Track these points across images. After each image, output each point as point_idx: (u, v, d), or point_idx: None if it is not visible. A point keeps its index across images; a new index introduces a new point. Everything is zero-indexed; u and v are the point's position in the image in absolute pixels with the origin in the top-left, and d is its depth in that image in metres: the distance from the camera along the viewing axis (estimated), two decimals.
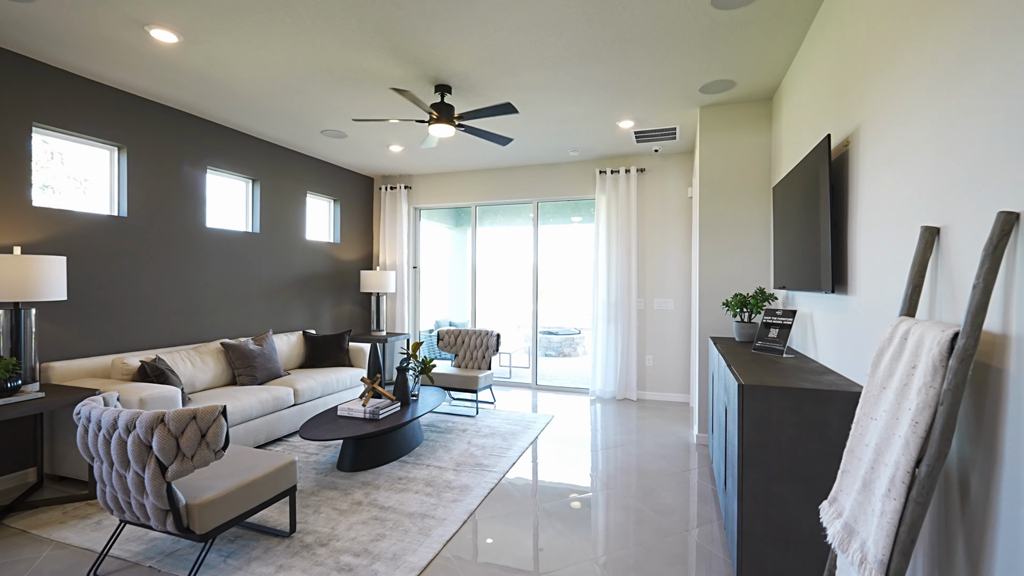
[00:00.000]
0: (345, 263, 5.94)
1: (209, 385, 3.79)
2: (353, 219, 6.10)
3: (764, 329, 2.84)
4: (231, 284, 4.42)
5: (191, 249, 4.05)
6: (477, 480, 3.09)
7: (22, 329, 2.76)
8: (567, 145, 4.92)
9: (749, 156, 3.73)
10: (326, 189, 5.63)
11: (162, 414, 1.87)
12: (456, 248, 8.30)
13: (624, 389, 5.30)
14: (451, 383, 4.70)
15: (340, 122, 4.22)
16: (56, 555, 2.25)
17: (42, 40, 2.80)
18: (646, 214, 5.32)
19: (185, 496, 2.01)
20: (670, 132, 4.46)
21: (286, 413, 3.86)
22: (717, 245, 3.80)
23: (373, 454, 3.32)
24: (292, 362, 4.66)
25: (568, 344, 9.00)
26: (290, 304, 5.09)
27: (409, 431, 3.65)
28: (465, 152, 5.19)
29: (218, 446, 1.96)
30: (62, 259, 2.91)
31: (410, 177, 6.34)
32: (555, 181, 5.69)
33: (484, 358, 5.03)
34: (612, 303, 5.34)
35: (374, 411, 3.35)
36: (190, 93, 3.58)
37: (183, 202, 3.99)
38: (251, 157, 4.62)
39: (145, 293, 3.70)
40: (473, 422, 4.37)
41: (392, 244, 6.26)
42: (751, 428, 1.87)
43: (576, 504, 2.82)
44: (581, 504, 2.82)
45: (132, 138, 3.62)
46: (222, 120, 4.19)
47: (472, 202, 6.06)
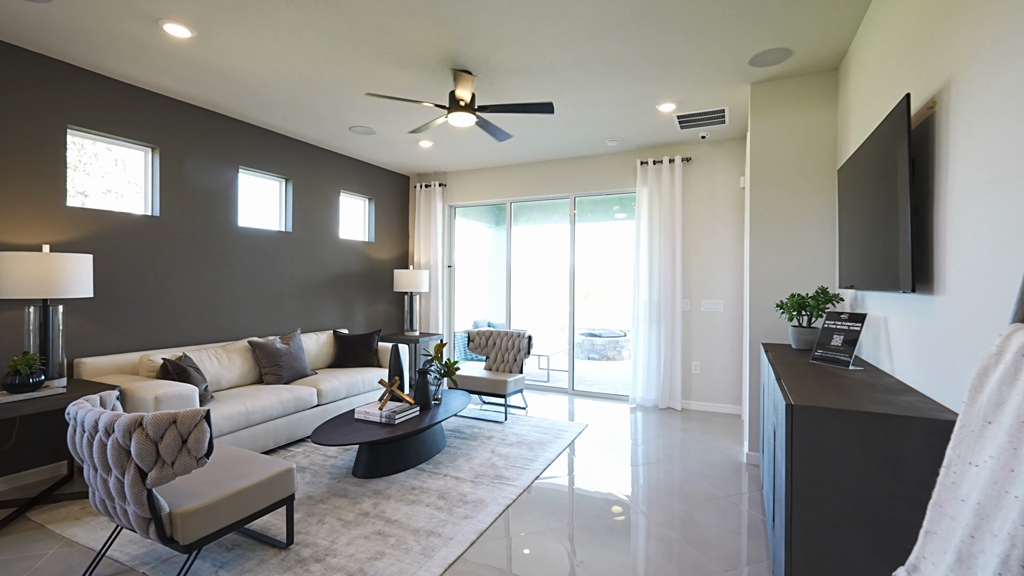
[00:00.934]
0: (380, 262, 5.90)
1: (235, 383, 3.79)
2: (388, 218, 6.05)
3: (826, 335, 2.41)
4: (263, 283, 4.44)
5: (222, 248, 4.09)
6: (494, 495, 2.85)
7: (50, 325, 2.82)
8: (604, 134, 4.58)
9: (809, 137, 3.26)
10: (360, 188, 5.60)
11: (140, 417, 1.77)
12: (496, 247, 8.11)
13: (667, 397, 4.88)
14: (478, 387, 4.50)
15: (366, 117, 4.12)
16: (61, 554, 2.23)
17: (62, 40, 2.85)
18: (693, 207, 4.88)
19: (170, 503, 1.91)
20: (718, 115, 4.02)
21: (308, 414, 3.79)
22: (770, 239, 3.35)
23: (388, 461, 3.16)
24: (321, 361, 4.63)
25: (612, 347, 8.58)
26: (322, 303, 5.09)
27: (428, 437, 3.47)
28: (499, 147, 4.98)
29: (200, 453, 1.84)
30: (88, 257, 2.96)
31: (444, 174, 6.21)
32: (593, 174, 5.35)
33: (516, 361, 4.78)
34: (654, 304, 4.93)
35: (390, 416, 3.20)
36: (214, 91, 3.59)
37: (215, 201, 4.03)
38: (283, 156, 4.64)
39: (176, 291, 3.75)
40: (500, 429, 4.14)
41: (427, 243, 6.16)
42: (802, 459, 1.51)
43: (602, 531, 2.51)
44: (608, 531, 2.51)
45: (165, 139, 3.68)
46: (253, 119, 4.21)
47: (506, 198, 5.84)
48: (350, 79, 3.34)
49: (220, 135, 4.06)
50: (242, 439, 3.28)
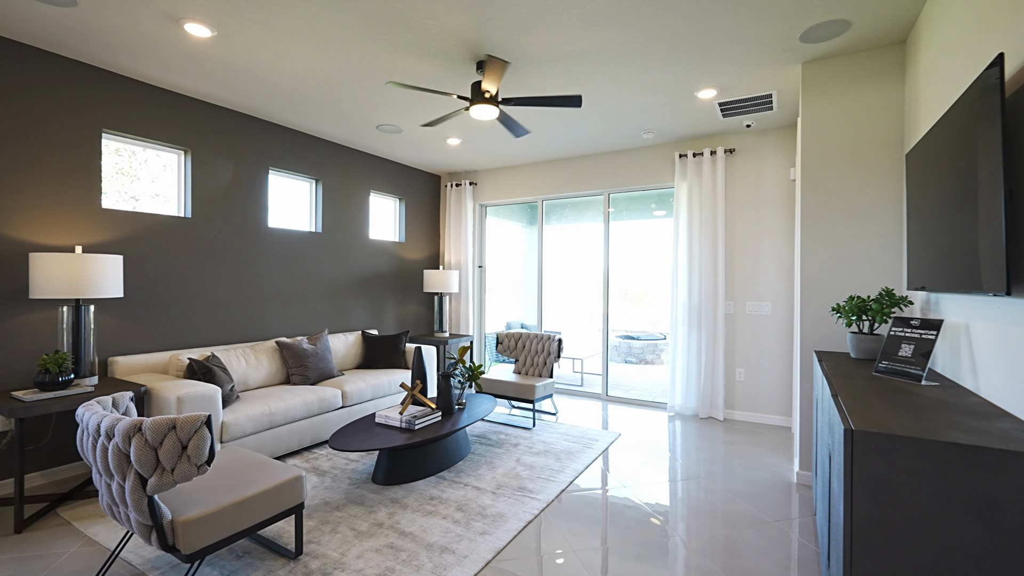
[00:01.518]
0: (410, 263, 5.85)
1: (262, 383, 3.80)
2: (419, 218, 6.00)
3: (893, 344, 2.10)
4: (292, 283, 4.46)
5: (253, 249, 4.13)
6: (515, 509, 2.68)
7: (82, 325, 2.88)
8: (639, 126, 4.32)
9: (870, 120, 2.90)
10: (390, 188, 5.57)
11: (140, 422, 1.71)
12: (529, 247, 7.95)
13: (708, 406, 4.56)
14: (506, 391, 4.34)
15: (392, 115, 4.05)
16: (80, 553, 2.24)
17: (90, 44, 2.90)
18: (737, 203, 4.53)
19: (174, 510, 1.85)
20: (764, 100, 3.69)
21: (333, 415, 3.75)
22: (825, 235, 3.01)
23: (408, 467, 3.06)
24: (349, 362, 4.61)
25: (650, 350, 8.23)
26: (351, 304, 5.07)
27: (451, 443, 3.35)
28: (529, 142, 4.81)
29: (200, 460, 1.77)
30: (118, 258, 3.01)
31: (475, 173, 6.10)
32: (628, 169, 5.09)
33: (545, 365, 4.60)
34: (694, 306, 4.62)
35: (410, 421, 3.09)
36: (240, 92, 3.60)
37: (245, 203, 4.07)
38: (313, 157, 4.65)
39: (207, 291, 3.80)
40: (528, 436, 3.96)
41: (457, 243, 6.07)
42: (865, 495, 1.26)
43: (633, 557, 2.30)
44: (639, 558, 2.29)
45: (196, 141, 3.73)
46: (282, 120, 4.23)
47: (538, 196, 5.66)
48: (370, 73, 3.26)
49: (250, 137, 4.10)
50: (265, 440, 3.26)
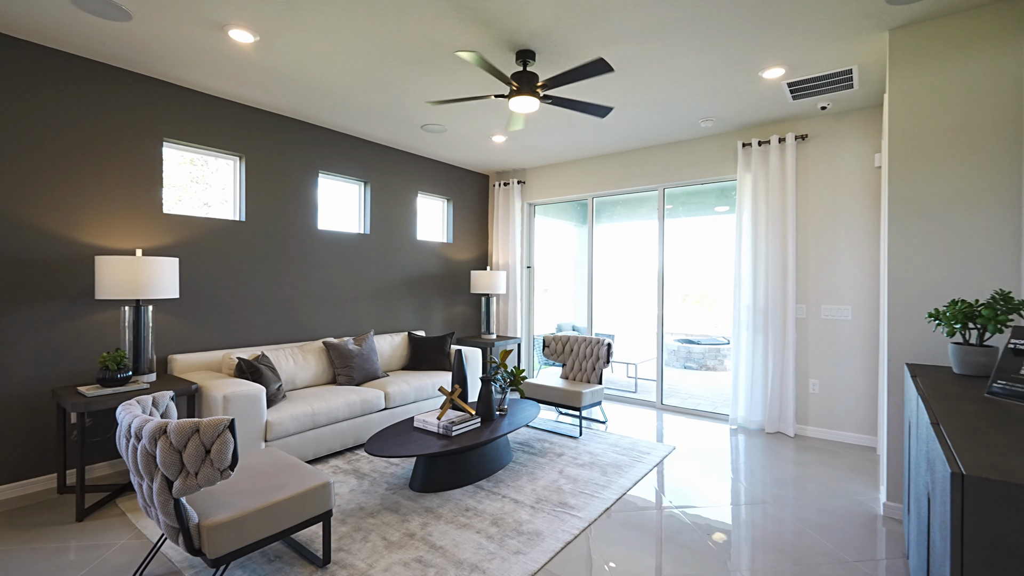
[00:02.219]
0: (458, 263, 5.81)
1: (309, 383, 3.86)
2: (467, 218, 5.94)
3: (1012, 359, 1.71)
4: (341, 284, 4.53)
5: (303, 251, 4.22)
6: (554, 527, 2.49)
7: (141, 324, 3.02)
8: (696, 114, 3.99)
9: (977, 92, 2.45)
10: (438, 188, 5.55)
11: (165, 424, 1.71)
12: (580, 247, 7.70)
13: (777, 420, 4.13)
14: (551, 397, 4.15)
15: (435, 114, 4.00)
16: (129, 545, 2.32)
17: (146, 55, 3.04)
18: (810, 194, 4.07)
19: (201, 512, 1.84)
20: (843, 77, 3.26)
21: (375, 417, 3.74)
22: (919, 229, 2.58)
23: (445, 475, 2.96)
24: (395, 363, 4.61)
25: (712, 356, 7.72)
26: (399, 305, 5.09)
27: (490, 451, 3.22)
28: (578, 137, 4.59)
29: (223, 464, 1.74)
30: (174, 260, 3.13)
31: (523, 171, 5.96)
32: (684, 161, 4.74)
33: (594, 370, 4.36)
34: (760, 309, 4.21)
35: (447, 427, 2.99)
36: (286, 97, 3.67)
37: (296, 205, 4.17)
38: (361, 159, 4.70)
39: (259, 292, 3.92)
40: (574, 445, 3.76)
41: (505, 243, 5.95)
42: (980, 561, 0.97)
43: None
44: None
45: (250, 147, 3.86)
46: (329, 124, 4.29)
47: (588, 193, 5.42)
48: (409, 71, 3.20)
49: (300, 141, 4.19)
50: (308, 440, 3.29)
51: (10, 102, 2.79)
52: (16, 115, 2.81)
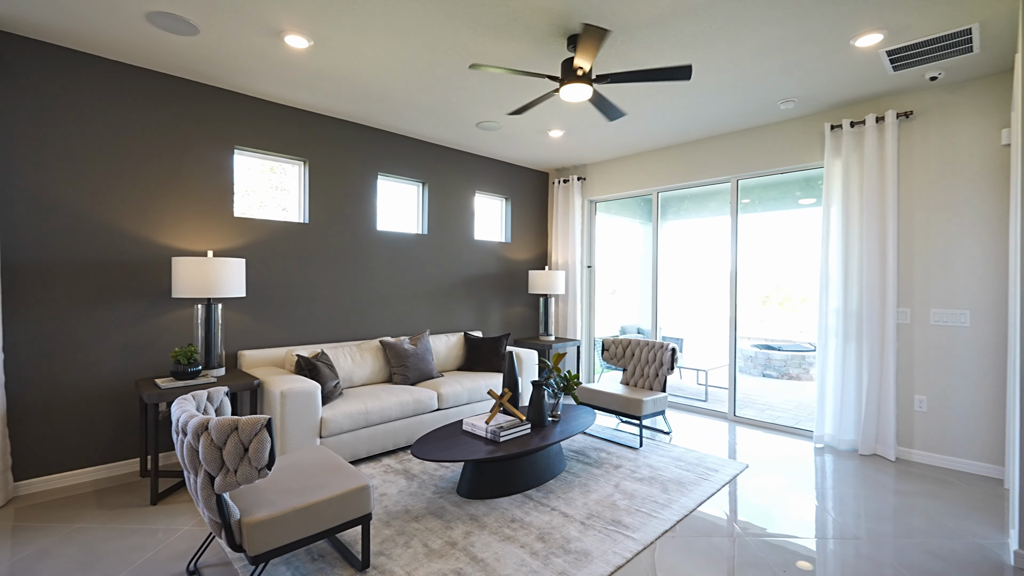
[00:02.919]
0: (516, 263, 5.71)
1: (366, 381, 3.92)
2: (526, 217, 5.83)
3: None
4: (399, 284, 4.58)
5: (362, 251, 4.31)
6: (604, 547, 2.30)
7: (212, 321, 3.20)
8: (775, 94, 3.58)
9: None
10: (496, 187, 5.48)
11: (207, 420, 1.73)
12: (647, 246, 7.32)
13: (873, 440, 3.61)
14: (609, 404, 3.91)
15: (489, 111, 3.91)
16: (190, 532, 2.43)
17: (213, 66, 3.21)
18: (916, 181, 3.52)
19: (244, 509, 1.86)
20: (959, 39, 2.76)
21: (428, 417, 3.72)
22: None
23: (493, 482, 2.85)
24: (450, 364, 4.59)
25: (796, 363, 7.02)
26: (456, 305, 5.08)
27: (541, 459, 3.06)
28: (641, 127, 4.32)
29: (260, 463, 1.74)
30: (241, 261, 3.29)
31: (583, 167, 5.74)
32: (761, 149, 4.30)
33: (657, 377, 4.07)
34: (852, 313, 3.70)
35: (495, 431, 2.88)
36: (343, 100, 3.75)
37: (356, 207, 4.27)
38: (419, 160, 4.74)
39: (321, 292, 4.05)
40: (633, 457, 3.51)
41: (564, 242, 5.76)
42: None
43: None
44: None
45: (313, 151, 4.00)
46: (387, 126, 4.36)
47: (653, 188, 5.10)
48: (458, 67, 3.14)
49: (360, 144, 4.29)
50: (362, 438, 3.32)
51: (99, 117, 3.06)
52: (104, 129, 3.08)
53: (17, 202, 2.81)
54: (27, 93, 2.83)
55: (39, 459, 2.90)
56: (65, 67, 2.93)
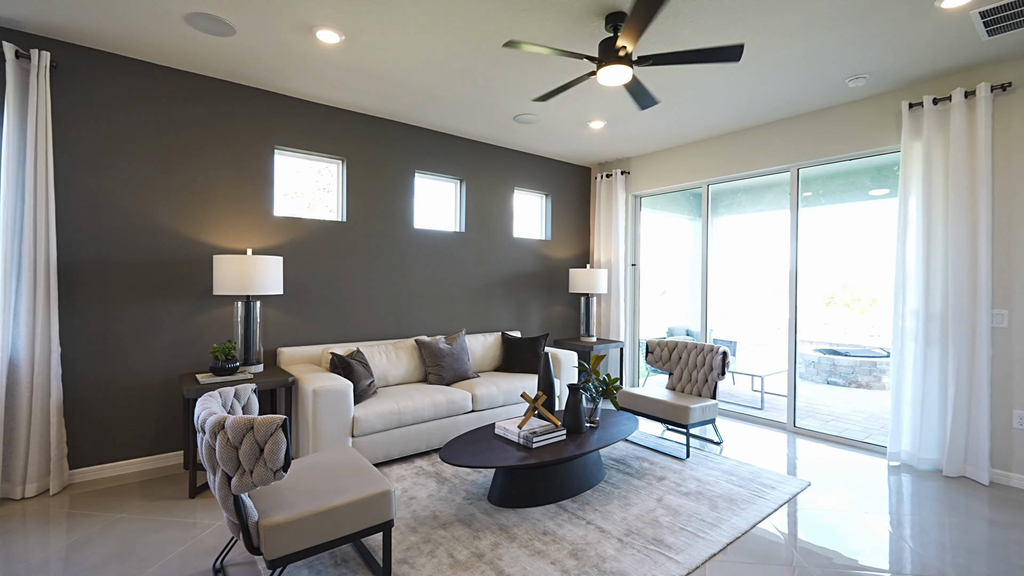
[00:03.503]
0: (556, 261, 5.53)
1: (401, 380, 3.88)
2: (567, 214, 5.64)
3: None
4: (436, 283, 4.53)
5: (399, 250, 4.29)
6: (642, 570, 2.09)
7: (250, 318, 3.25)
8: (842, 70, 3.22)
9: None
10: (536, 184, 5.33)
11: (223, 419, 1.69)
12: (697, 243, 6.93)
13: (961, 460, 3.17)
14: (653, 410, 3.66)
15: (526, 102, 3.77)
16: (222, 528, 2.44)
17: (251, 67, 3.24)
18: (1014, 163, 3.05)
19: (263, 511, 1.82)
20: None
21: (462, 419, 3.62)
22: None
23: (525, 490, 2.70)
24: (487, 364, 4.48)
25: (865, 370, 6.42)
26: (494, 304, 4.97)
27: (578, 467, 2.88)
28: (688, 116, 4.04)
29: (276, 465, 1.68)
30: (279, 259, 3.32)
31: (627, 161, 5.48)
32: (825, 134, 3.90)
33: (706, 382, 3.78)
34: (935, 316, 3.27)
35: (527, 437, 2.73)
36: (377, 97, 3.72)
37: (393, 205, 4.25)
38: (456, 157, 4.67)
39: (358, 290, 4.05)
40: (679, 469, 3.25)
41: (607, 239, 5.53)
42: None
43: None
44: None
45: (351, 150, 4.01)
46: (424, 123, 4.31)
47: (702, 180, 4.78)
48: (490, 55, 3.01)
49: (397, 142, 4.26)
50: (394, 438, 3.27)
51: (147, 120, 3.17)
52: (153, 132, 3.18)
53: (75, 203, 2.95)
54: (83, 99, 2.96)
55: (92, 449, 3.03)
56: (116, 73, 3.05)
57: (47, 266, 2.78)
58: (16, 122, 2.71)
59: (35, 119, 2.73)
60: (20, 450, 2.73)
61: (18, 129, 2.72)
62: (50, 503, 2.69)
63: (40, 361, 2.76)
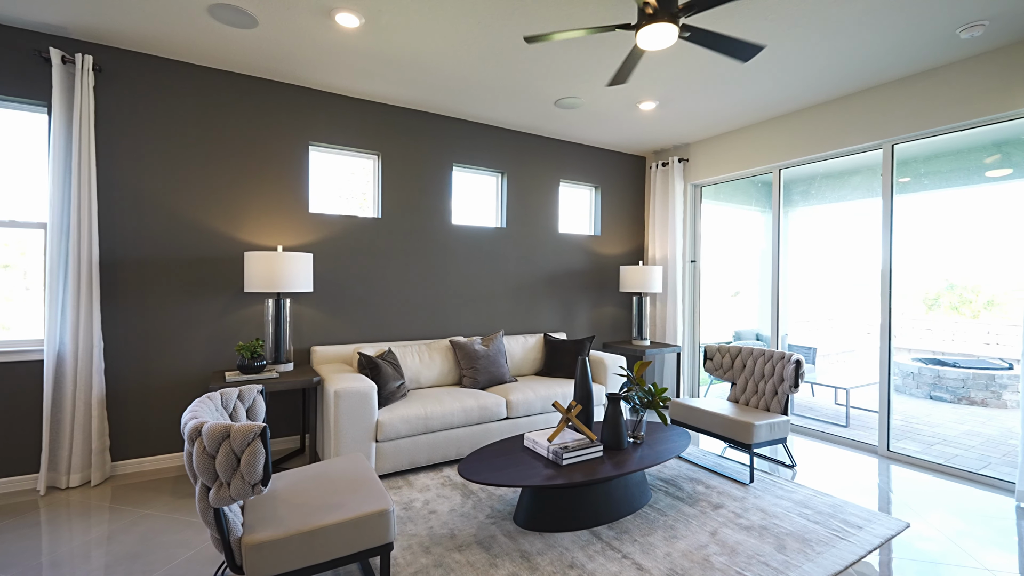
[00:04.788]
0: (606, 258, 5.15)
1: (434, 383, 3.70)
2: (618, 207, 5.24)
3: None
4: (475, 281, 4.32)
5: (436, 246, 4.12)
6: None
7: (281, 316, 3.20)
8: (951, 18, 2.62)
9: None
10: (583, 175, 4.98)
11: (201, 425, 1.55)
12: (768, 237, 6.23)
13: None
14: (710, 425, 3.21)
15: (566, 84, 3.46)
16: None
17: (275, 60, 3.18)
18: None
19: (249, 525, 1.66)
20: None
21: (495, 426, 3.38)
22: None
23: (554, 512, 2.40)
24: (527, 368, 4.20)
25: (982, 384, 5.44)
26: (538, 304, 4.68)
27: (617, 488, 2.54)
28: (755, 90, 3.54)
29: (254, 478, 1.51)
30: (309, 256, 3.26)
31: (685, 147, 4.98)
32: (928, 100, 3.25)
33: (776, 394, 3.27)
34: None
35: (557, 452, 2.43)
36: (406, 86, 3.56)
37: (430, 201, 4.10)
38: (496, 149, 4.43)
39: (393, 288, 3.93)
40: (740, 495, 2.80)
41: (663, 233, 5.06)
42: None
43: None
44: None
45: (385, 145, 3.90)
46: (460, 114, 4.11)
47: (773, 164, 4.21)
48: (517, 27, 2.74)
49: (433, 134, 4.10)
50: (420, 445, 3.08)
51: (184, 120, 3.21)
52: (189, 131, 3.22)
53: (118, 202, 3.03)
54: (124, 100, 3.04)
55: (134, 442, 3.10)
56: (155, 74, 3.11)
57: (90, 263, 2.86)
58: (62, 125, 2.81)
59: (79, 121, 2.82)
60: (65, 441, 2.82)
61: (64, 131, 2.82)
62: (90, 494, 2.76)
63: (83, 355, 2.85)
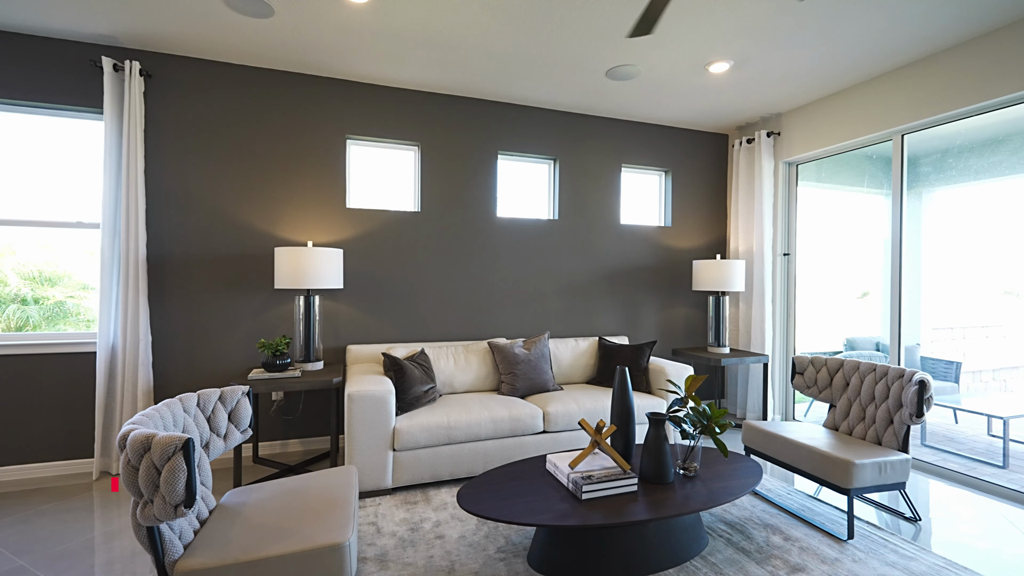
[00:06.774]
0: (679, 252, 4.51)
1: (469, 387, 3.42)
2: (694, 194, 4.57)
3: None
4: (523, 278, 3.98)
5: (479, 241, 3.84)
6: None
7: (310, 313, 3.12)
8: None
9: None
10: (650, 158, 4.41)
11: (127, 432, 1.39)
12: (886, 225, 5.07)
13: None
14: (795, 459, 2.54)
15: (613, 49, 2.99)
16: None
17: (294, 50, 3.08)
18: None
19: (193, 546, 1.48)
20: None
21: (531, 440, 3.00)
22: None
23: (572, 557, 1.98)
24: (576, 375, 3.76)
25: None
26: (595, 303, 4.21)
27: (657, 532, 2.04)
28: (864, 36, 2.78)
29: (175, 499, 1.32)
30: (339, 251, 3.14)
31: (775, 119, 4.19)
32: None
33: (891, 424, 2.51)
34: None
35: (577, 482, 2.00)
36: (436, 67, 3.30)
37: (473, 192, 3.83)
38: (547, 133, 4.05)
39: (432, 285, 3.72)
40: (833, 554, 2.14)
41: (747, 222, 4.31)
42: None
43: None
44: None
45: (425, 134, 3.70)
46: (503, 97, 3.79)
47: (892, 129, 3.34)
48: None
49: (475, 121, 3.83)
50: (443, 457, 2.81)
51: (224, 119, 3.25)
52: (229, 130, 3.26)
53: (165, 202, 3.15)
54: (171, 103, 3.15)
55: None
56: (196, 76, 3.19)
57: (137, 261, 2.98)
58: (113, 129, 2.96)
59: (128, 124, 2.94)
60: (116, 430, 2.97)
61: (115, 135, 2.97)
62: None
63: (131, 349, 2.97)
